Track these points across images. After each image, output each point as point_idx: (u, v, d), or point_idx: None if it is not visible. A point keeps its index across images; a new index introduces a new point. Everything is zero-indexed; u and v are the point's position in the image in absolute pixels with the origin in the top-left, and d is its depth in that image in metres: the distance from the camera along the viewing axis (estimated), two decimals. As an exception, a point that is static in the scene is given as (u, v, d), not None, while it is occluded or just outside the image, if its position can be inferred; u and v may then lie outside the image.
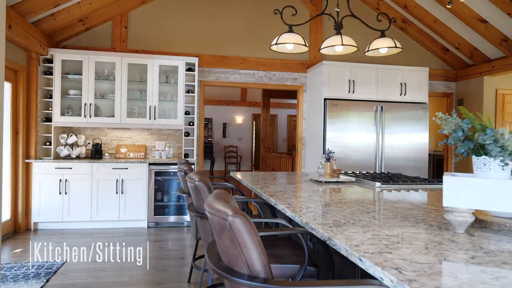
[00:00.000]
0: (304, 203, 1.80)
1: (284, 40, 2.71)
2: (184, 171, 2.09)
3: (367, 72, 5.34)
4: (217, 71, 5.66)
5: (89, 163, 4.74)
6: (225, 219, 0.83)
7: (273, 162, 8.59)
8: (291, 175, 3.36)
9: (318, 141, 5.33)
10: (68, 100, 5.09)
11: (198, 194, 1.48)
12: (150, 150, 5.48)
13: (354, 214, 1.53)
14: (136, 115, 5.24)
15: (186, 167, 2.12)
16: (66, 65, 5.06)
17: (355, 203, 1.84)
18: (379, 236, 1.18)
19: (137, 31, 5.45)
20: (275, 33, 5.84)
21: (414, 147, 5.41)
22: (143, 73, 5.23)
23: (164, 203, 4.99)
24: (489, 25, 5.20)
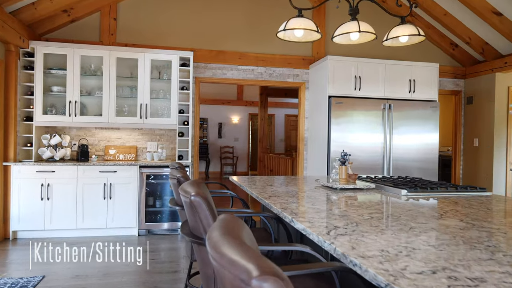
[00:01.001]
0: (328, 220, 1.43)
1: (293, 26, 2.34)
2: (177, 179, 1.72)
3: (374, 68, 4.99)
4: (214, 67, 5.28)
5: (74, 166, 4.33)
6: (248, 284, 0.46)
7: (271, 164, 8.22)
8: (297, 180, 3.00)
9: (321, 142, 4.97)
10: (51, 97, 4.68)
11: (195, 212, 1.11)
12: (141, 152, 5.08)
13: (399, 238, 1.17)
14: (125, 113, 4.84)
15: (179, 173, 1.75)
16: (49, 59, 4.65)
17: (391, 219, 1.48)
18: (459, 280, 0.82)
19: (127, 23, 5.06)
20: (276, 26, 5.47)
21: (423, 148, 5.07)
22: (133, 68, 4.83)
23: (156, 208, 4.60)
24: (504, 18, 4.87)
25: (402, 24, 2.63)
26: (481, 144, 5.82)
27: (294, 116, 12.93)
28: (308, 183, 2.76)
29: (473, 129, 5.99)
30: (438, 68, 5.20)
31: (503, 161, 5.62)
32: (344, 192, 2.29)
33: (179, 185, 1.72)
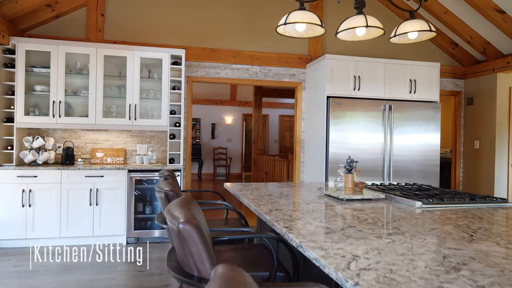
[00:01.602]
0: (344, 245, 1.21)
1: (295, 19, 2.12)
2: (164, 193, 1.48)
3: (374, 67, 4.79)
4: (207, 66, 5.04)
5: (58, 170, 4.07)
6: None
7: (266, 165, 8.00)
8: (297, 188, 2.78)
9: (319, 144, 4.77)
10: (34, 97, 4.41)
11: (184, 244, 0.88)
12: (130, 155, 4.82)
13: (437, 274, 0.96)
14: (114, 114, 4.58)
15: (167, 186, 1.51)
16: (31, 56, 4.38)
17: (416, 243, 1.26)
18: None
19: (115, 19, 4.79)
20: (272, 23, 5.26)
21: (424, 150, 4.89)
22: (122, 67, 4.58)
23: (146, 215, 4.35)
24: (507, 16, 4.71)
25: (411, 19, 2.43)
26: (482, 146, 5.66)
27: (289, 117, 12.73)
28: (310, 191, 2.55)
29: (474, 131, 5.83)
30: (439, 67, 5.02)
31: (504, 164, 5.47)
32: (351, 203, 2.07)
33: (168, 200, 1.49)
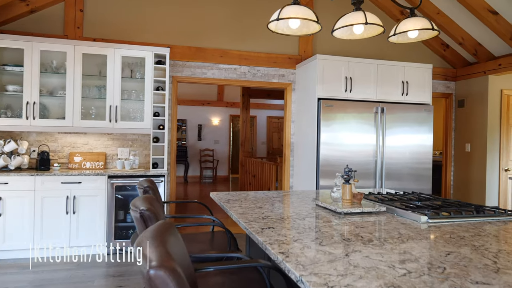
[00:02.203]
0: (351, 279, 1.02)
1: (288, 14, 1.92)
2: (139, 212, 1.25)
3: (366, 68, 4.65)
4: (193, 65, 4.81)
5: (32, 176, 3.79)
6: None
7: (254, 168, 7.80)
8: (289, 198, 2.59)
9: (310, 148, 4.59)
10: (5, 97, 4.11)
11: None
12: (111, 159, 4.56)
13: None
14: (93, 116, 4.32)
15: (143, 205, 1.28)
16: (3, 54, 4.09)
17: (435, 276, 1.08)
18: None
19: (95, 15, 4.53)
20: (261, 21, 5.07)
21: (416, 153, 4.77)
22: (102, 66, 4.32)
23: (127, 223, 4.10)
24: (500, 17, 4.63)
25: (412, 17, 2.26)
26: (473, 150, 5.58)
27: (277, 118, 12.56)
28: (303, 202, 2.35)
29: (465, 134, 5.75)
30: (431, 69, 4.91)
31: (496, 168, 5.39)
32: (350, 217, 1.89)
33: (143, 222, 1.27)
